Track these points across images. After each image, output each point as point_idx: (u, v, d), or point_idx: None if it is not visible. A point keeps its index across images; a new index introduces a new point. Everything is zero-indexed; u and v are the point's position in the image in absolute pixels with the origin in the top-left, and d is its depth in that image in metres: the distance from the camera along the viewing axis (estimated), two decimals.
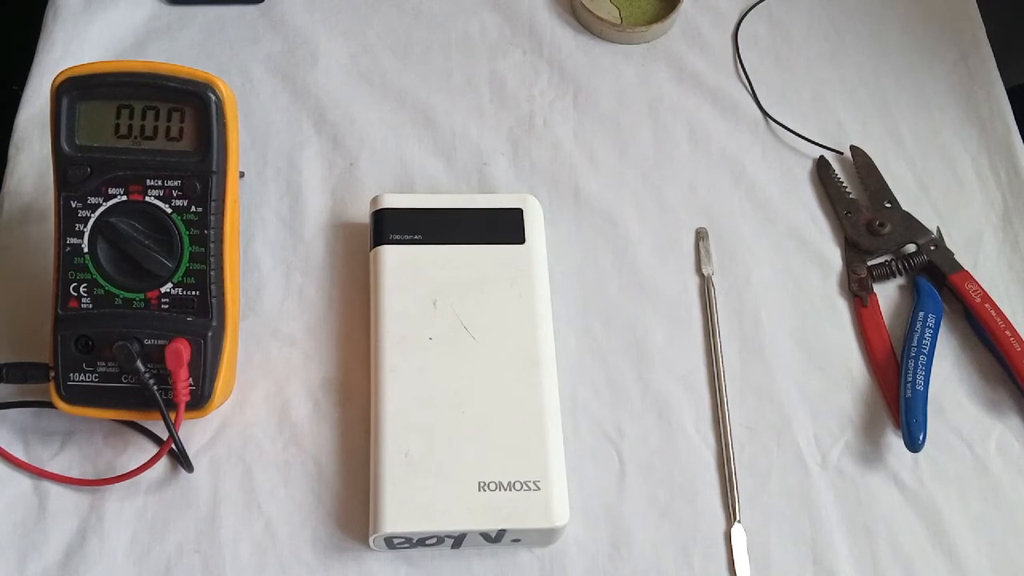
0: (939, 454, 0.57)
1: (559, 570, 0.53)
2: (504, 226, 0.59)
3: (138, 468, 0.53)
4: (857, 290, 0.62)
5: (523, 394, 0.54)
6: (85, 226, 0.52)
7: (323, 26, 0.71)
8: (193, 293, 0.52)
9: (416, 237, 0.58)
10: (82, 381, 0.52)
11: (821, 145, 0.68)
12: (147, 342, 0.52)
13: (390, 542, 0.52)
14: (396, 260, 0.57)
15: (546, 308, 0.57)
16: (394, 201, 0.60)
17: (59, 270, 0.52)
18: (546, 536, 0.52)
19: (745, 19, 0.74)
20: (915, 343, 0.59)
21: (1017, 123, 0.70)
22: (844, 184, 0.66)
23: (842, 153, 0.68)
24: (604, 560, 0.54)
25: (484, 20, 0.72)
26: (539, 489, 0.51)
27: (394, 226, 0.58)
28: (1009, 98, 0.71)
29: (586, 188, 0.66)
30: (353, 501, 0.54)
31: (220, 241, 0.52)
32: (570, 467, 0.55)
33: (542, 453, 0.52)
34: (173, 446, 0.52)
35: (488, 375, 0.54)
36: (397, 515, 0.51)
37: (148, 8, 0.71)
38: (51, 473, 0.54)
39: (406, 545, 0.52)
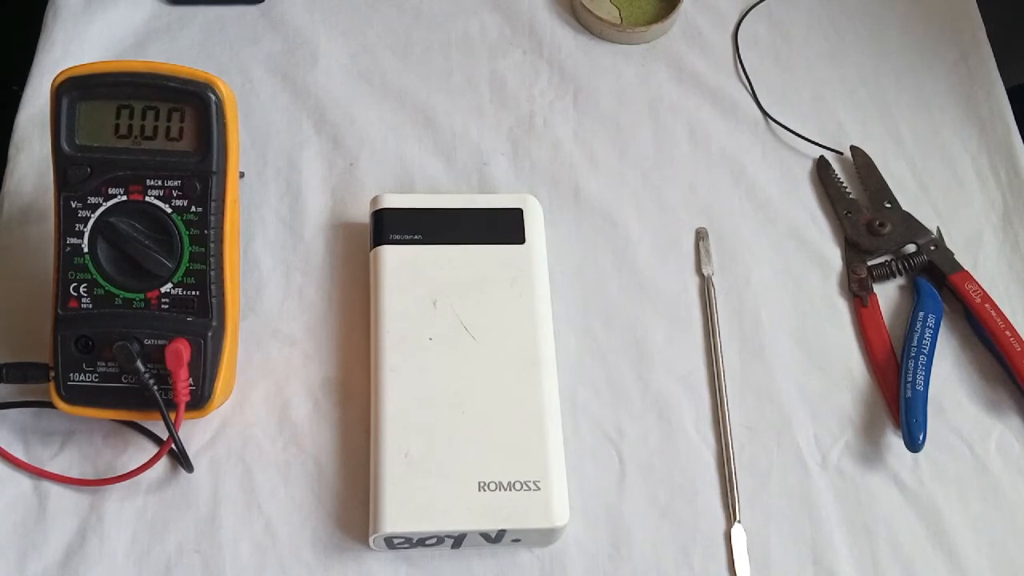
0: (939, 454, 0.57)
1: (559, 570, 0.53)
2: (504, 226, 0.59)
3: (138, 468, 0.53)
4: (857, 290, 0.62)
5: (523, 394, 0.54)
6: (85, 226, 0.52)
7: (323, 26, 0.71)
8: (193, 293, 0.52)
9: (416, 237, 0.58)
10: (82, 381, 0.52)
11: (821, 145, 0.68)
12: (147, 342, 0.52)
13: (390, 542, 0.52)
14: (396, 260, 0.57)
15: (546, 308, 0.57)
16: (394, 201, 0.60)
17: (59, 270, 0.52)
18: (546, 536, 0.52)
19: (745, 19, 0.74)
20: (915, 343, 0.59)
21: (1017, 123, 0.70)
22: (844, 184, 0.66)
23: (842, 153, 0.68)
24: (604, 560, 0.54)
25: (484, 20, 0.72)
26: (539, 489, 0.51)
27: (394, 226, 0.58)
28: (1009, 98, 0.71)
29: (586, 188, 0.66)
30: (353, 501, 0.54)
31: (220, 241, 0.52)
32: (570, 467, 0.55)
33: (542, 453, 0.52)
34: (173, 446, 0.52)
35: (488, 375, 0.54)
36: (397, 515, 0.51)
37: (148, 8, 0.71)
38: (51, 473, 0.54)
39: (406, 545, 0.52)
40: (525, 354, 0.55)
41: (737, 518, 0.55)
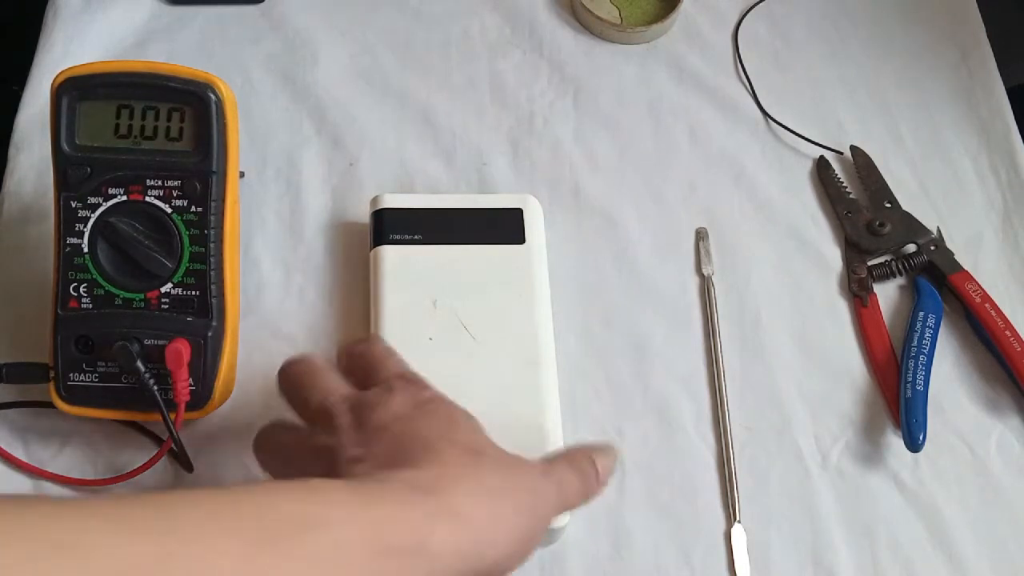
0: (939, 454, 0.57)
1: (559, 570, 0.53)
2: (504, 226, 0.59)
3: (138, 468, 0.53)
4: (857, 290, 0.62)
5: (522, 394, 0.54)
6: (85, 226, 0.52)
7: (323, 26, 0.71)
8: (193, 293, 0.52)
9: (416, 237, 0.58)
10: (82, 381, 0.52)
11: (821, 145, 0.68)
12: (147, 342, 0.52)
13: None
14: (396, 260, 0.57)
15: (546, 308, 0.57)
16: (394, 201, 0.60)
17: (59, 270, 0.52)
18: (546, 536, 0.52)
19: (745, 19, 0.74)
20: (915, 343, 0.59)
21: (1017, 123, 0.70)
22: (844, 184, 0.66)
23: (842, 153, 0.68)
24: (604, 560, 0.54)
25: (484, 20, 0.72)
26: None
27: (394, 226, 0.58)
28: (1009, 98, 0.71)
29: (586, 188, 0.66)
30: None
31: (220, 241, 0.52)
32: None
33: (541, 454, 0.52)
34: (173, 446, 0.52)
35: (487, 375, 0.54)
36: None
37: (148, 8, 0.71)
38: (51, 473, 0.54)
39: None
40: (525, 354, 0.55)
41: (737, 518, 0.55)
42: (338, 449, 0.43)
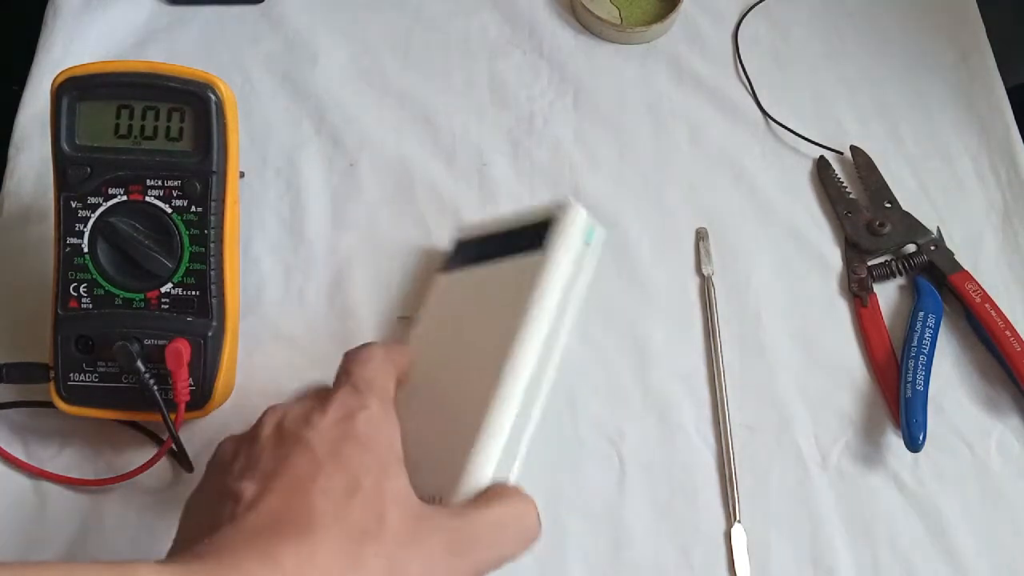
0: (939, 454, 0.57)
1: (559, 570, 0.53)
2: (532, 236, 0.54)
3: (138, 468, 0.53)
4: (857, 290, 0.62)
5: (462, 419, 0.48)
6: (85, 226, 0.52)
7: (323, 26, 0.71)
8: (193, 293, 0.52)
9: (459, 260, 0.57)
10: (82, 381, 0.52)
11: (821, 145, 0.68)
12: (147, 342, 0.52)
13: None
14: (439, 288, 0.57)
15: (538, 317, 0.50)
16: (466, 231, 0.59)
17: (59, 270, 0.52)
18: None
19: (745, 19, 0.74)
20: (915, 343, 0.59)
21: (1017, 123, 0.70)
22: (844, 184, 0.66)
23: (842, 153, 0.68)
24: (604, 560, 0.54)
25: (484, 20, 0.73)
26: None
27: (453, 254, 0.58)
28: (1009, 98, 0.71)
29: (586, 188, 0.66)
30: None
31: (220, 241, 0.52)
32: (570, 467, 0.55)
33: (463, 483, 0.45)
34: (173, 446, 0.52)
35: (435, 397, 0.50)
36: None
37: (148, 8, 0.71)
38: (51, 473, 0.54)
39: None
40: (483, 375, 0.48)
41: (737, 518, 0.55)
42: (243, 475, 0.41)
